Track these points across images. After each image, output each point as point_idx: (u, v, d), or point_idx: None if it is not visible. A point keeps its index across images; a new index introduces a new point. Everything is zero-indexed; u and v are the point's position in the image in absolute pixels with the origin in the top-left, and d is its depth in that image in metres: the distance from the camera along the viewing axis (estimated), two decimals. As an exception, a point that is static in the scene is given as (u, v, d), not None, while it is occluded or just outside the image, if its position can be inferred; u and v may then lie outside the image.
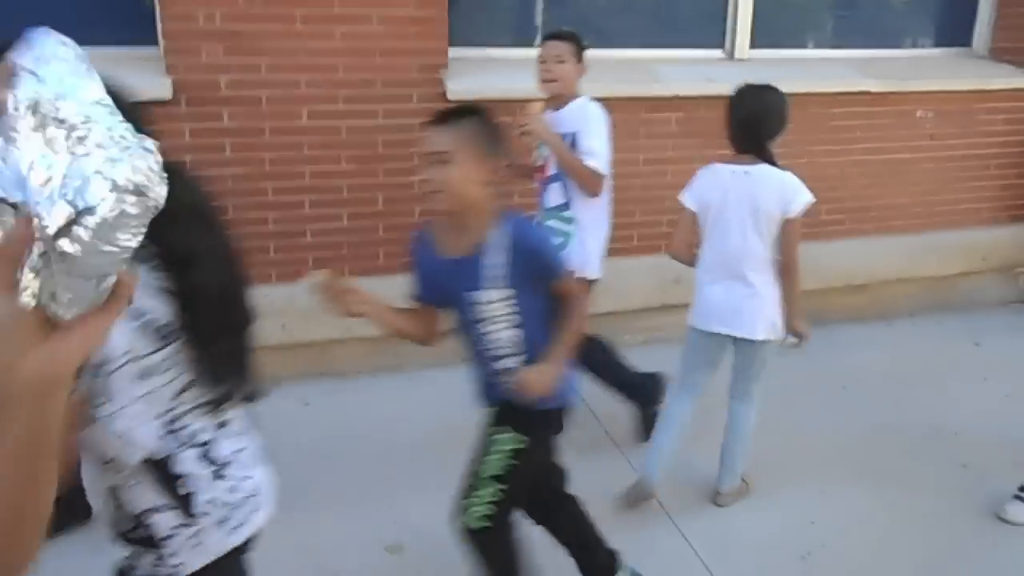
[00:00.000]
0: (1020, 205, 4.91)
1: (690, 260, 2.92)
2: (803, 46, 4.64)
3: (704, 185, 2.81)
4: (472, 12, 4.02)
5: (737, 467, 2.95)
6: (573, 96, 3.11)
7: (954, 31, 4.90)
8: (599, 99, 3.88)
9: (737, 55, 4.43)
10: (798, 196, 2.66)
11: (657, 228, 4.25)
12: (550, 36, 3.13)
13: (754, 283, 2.73)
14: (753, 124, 2.72)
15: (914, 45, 4.85)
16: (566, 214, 3.14)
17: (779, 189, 2.66)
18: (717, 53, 4.46)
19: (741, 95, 2.77)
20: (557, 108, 3.10)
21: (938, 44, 4.89)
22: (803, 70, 4.38)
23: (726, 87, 4.09)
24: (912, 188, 4.62)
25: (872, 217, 4.61)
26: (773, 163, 2.72)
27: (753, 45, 4.45)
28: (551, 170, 3.15)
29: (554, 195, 3.17)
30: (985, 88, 4.56)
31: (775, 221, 2.67)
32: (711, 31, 4.43)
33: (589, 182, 3.03)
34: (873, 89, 4.32)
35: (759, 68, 4.34)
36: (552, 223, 3.16)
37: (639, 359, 4.17)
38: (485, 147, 1.94)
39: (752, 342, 2.79)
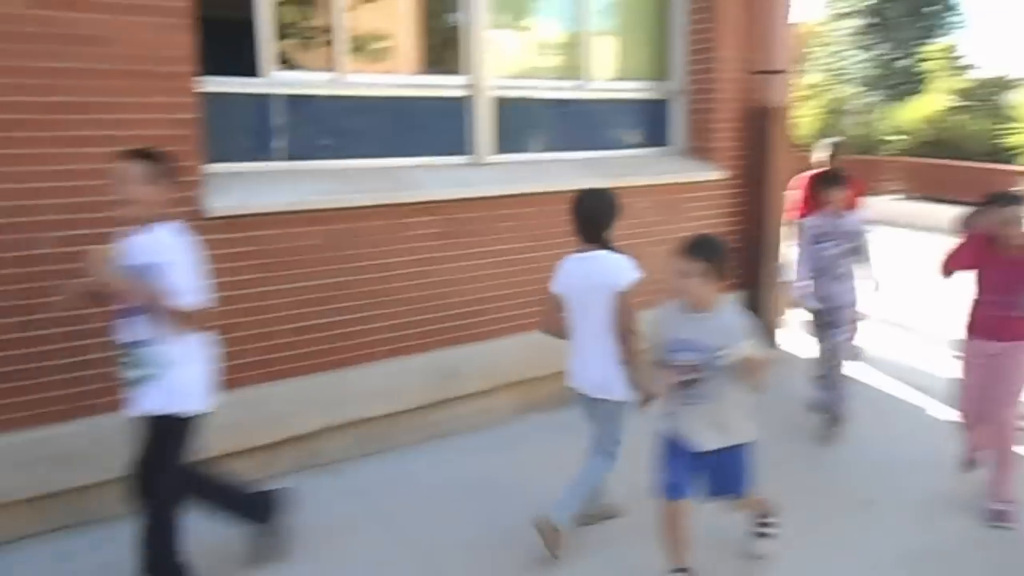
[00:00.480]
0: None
1: (558, 334, 3.36)
2: (538, 150, 5.16)
3: (562, 273, 3.32)
4: (224, 128, 3.98)
5: (570, 507, 3.23)
6: (155, 221, 2.75)
7: (656, 134, 5.74)
8: (360, 208, 4.06)
9: (483, 160, 4.81)
10: (625, 273, 3.19)
11: (428, 327, 4.41)
12: (124, 155, 2.74)
13: (604, 351, 3.21)
14: (591, 219, 3.27)
15: (627, 146, 5.59)
16: (151, 350, 2.75)
17: (610, 269, 3.20)
18: (465, 159, 4.80)
19: (580, 198, 3.30)
20: (135, 235, 2.75)
21: (646, 144, 5.69)
22: (541, 171, 4.86)
23: (480, 190, 4.49)
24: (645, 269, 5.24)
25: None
26: (610, 248, 3.26)
27: (496, 151, 4.87)
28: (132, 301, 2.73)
29: (137, 329, 2.75)
30: (682, 180, 5.38)
31: (611, 295, 3.17)
32: (457, 139, 4.78)
33: (177, 321, 2.72)
34: (599, 186, 4.89)
35: (505, 171, 4.77)
36: (131, 360, 2.78)
37: (423, 457, 4.26)
38: None
39: (607, 401, 3.26)
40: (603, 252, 3.25)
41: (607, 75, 5.54)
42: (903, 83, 19.85)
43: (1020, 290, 3.44)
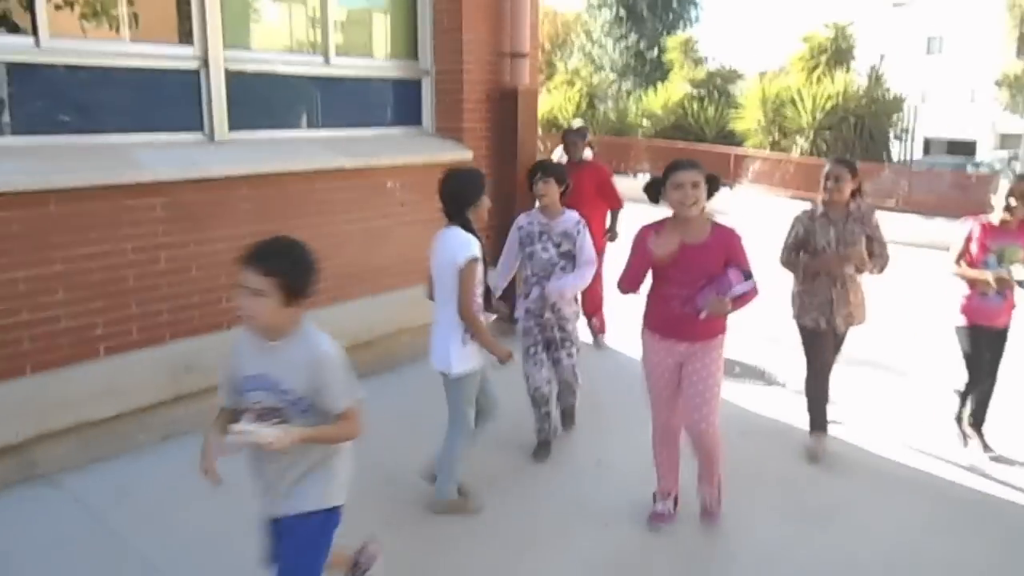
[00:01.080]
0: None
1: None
2: (280, 127, 4.92)
3: (432, 248, 3.39)
4: None
5: (444, 483, 3.44)
6: None
7: (408, 113, 5.71)
8: (70, 190, 3.63)
9: (217, 138, 4.50)
10: (464, 250, 3.19)
11: (158, 317, 4.07)
12: None
13: (449, 324, 3.27)
14: (451, 197, 3.33)
15: (377, 125, 5.50)
16: None
17: (453, 246, 3.23)
18: (197, 136, 4.47)
19: (445, 177, 3.37)
20: None
21: (396, 124, 5.63)
22: (282, 151, 4.64)
23: (210, 170, 4.19)
24: (394, 250, 5.22)
25: (366, 279, 5.08)
26: (467, 227, 3.30)
27: (232, 127, 4.57)
28: None
29: None
30: (436, 160, 5.39)
31: (453, 271, 3.21)
32: (189, 114, 4.44)
33: None
34: (347, 166, 4.79)
35: (241, 150, 4.49)
36: None
37: (158, 458, 3.93)
38: None
39: (446, 375, 3.33)
40: (454, 229, 3.30)
41: (354, 52, 5.41)
42: (652, 71, 21.51)
43: (700, 284, 3.11)
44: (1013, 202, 3.91)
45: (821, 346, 4.10)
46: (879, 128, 14.12)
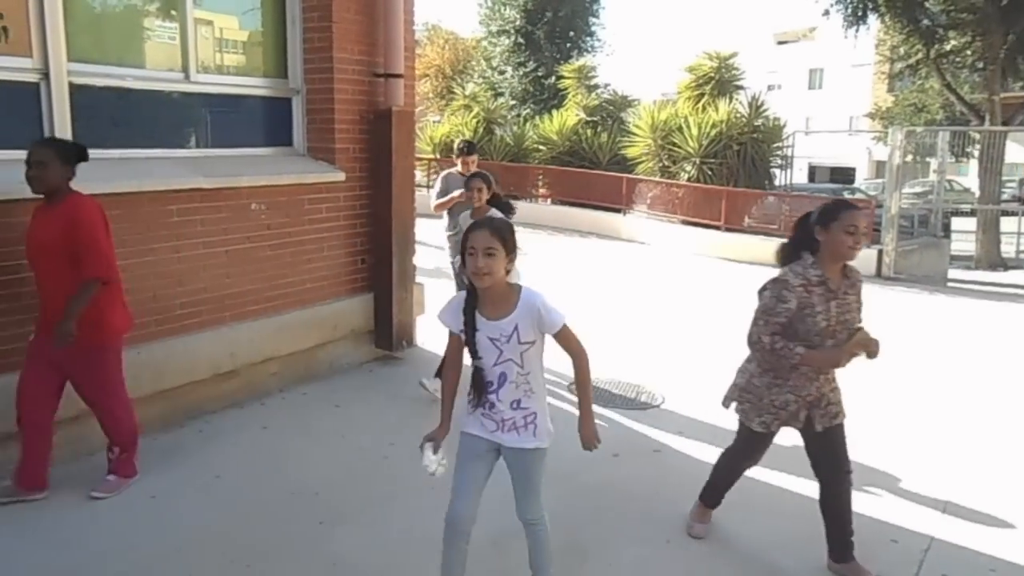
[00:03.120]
0: (354, 279, 5.74)
1: None
2: (135, 146, 4.65)
3: None
4: None
5: None
6: None
7: (278, 133, 5.52)
8: None
9: (60, 155, 4.20)
10: None
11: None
12: None
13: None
14: None
15: (245, 145, 5.29)
16: None
17: None
18: (36, 153, 4.16)
19: None
20: None
21: (266, 144, 5.44)
22: (134, 169, 4.39)
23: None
24: (260, 274, 5.01)
25: (228, 305, 4.84)
26: None
27: (77, 144, 4.28)
28: None
29: None
30: (305, 182, 5.24)
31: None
32: (27, 132, 4.13)
33: None
34: (205, 185, 4.57)
35: (86, 169, 4.20)
36: None
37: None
38: None
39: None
40: None
41: (219, 68, 5.20)
42: (549, 98, 21.83)
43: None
44: None
45: (763, 448, 3.44)
46: (761, 155, 14.73)
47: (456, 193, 5.50)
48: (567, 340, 2.68)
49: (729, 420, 5.01)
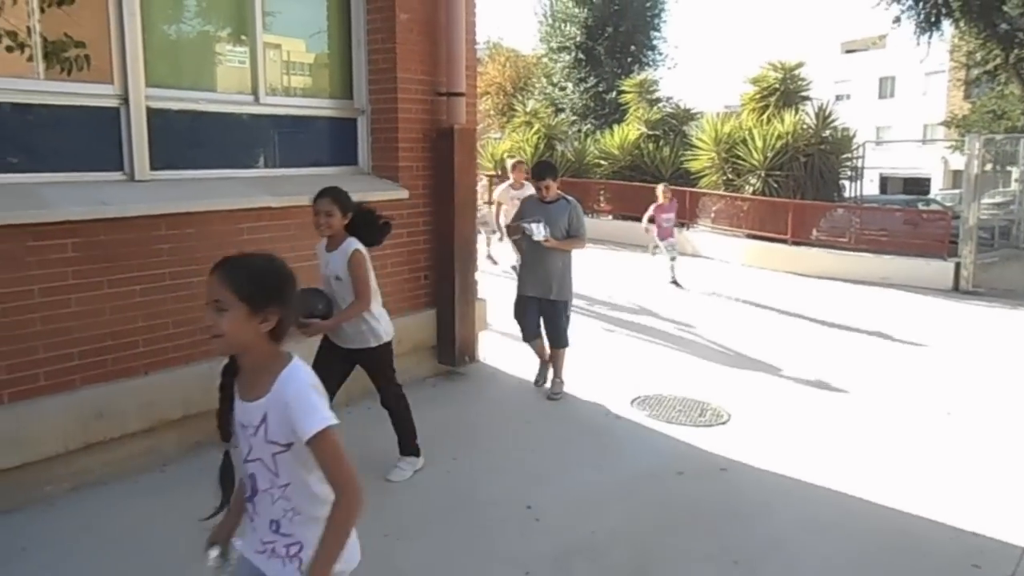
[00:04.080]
0: (418, 295, 5.80)
1: None
2: (208, 167, 4.81)
3: None
4: None
5: None
6: None
7: (344, 152, 5.64)
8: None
9: (138, 177, 4.39)
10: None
11: (68, 362, 3.90)
12: None
13: None
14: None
15: (312, 164, 5.42)
16: None
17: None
18: (117, 175, 4.36)
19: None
20: None
21: (333, 163, 5.56)
22: (205, 189, 4.54)
23: (124, 209, 4.06)
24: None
25: (296, 320, 4.93)
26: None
27: (154, 167, 4.47)
28: None
29: None
30: (370, 199, 5.30)
31: None
32: (108, 154, 4.33)
33: None
34: (273, 204, 4.69)
35: (161, 189, 4.39)
36: None
37: (69, 510, 3.74)
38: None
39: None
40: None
41: (287, 91, 5.36)
42: (610, 113, 21.77)
43: None
44: None
45: None
46: (829, 167, 14.36)
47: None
48: (324, 458, 1.78)
49: (797, 438, 4.89)
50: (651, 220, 10.39)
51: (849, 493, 4.08)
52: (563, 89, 24.55)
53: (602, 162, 17.46)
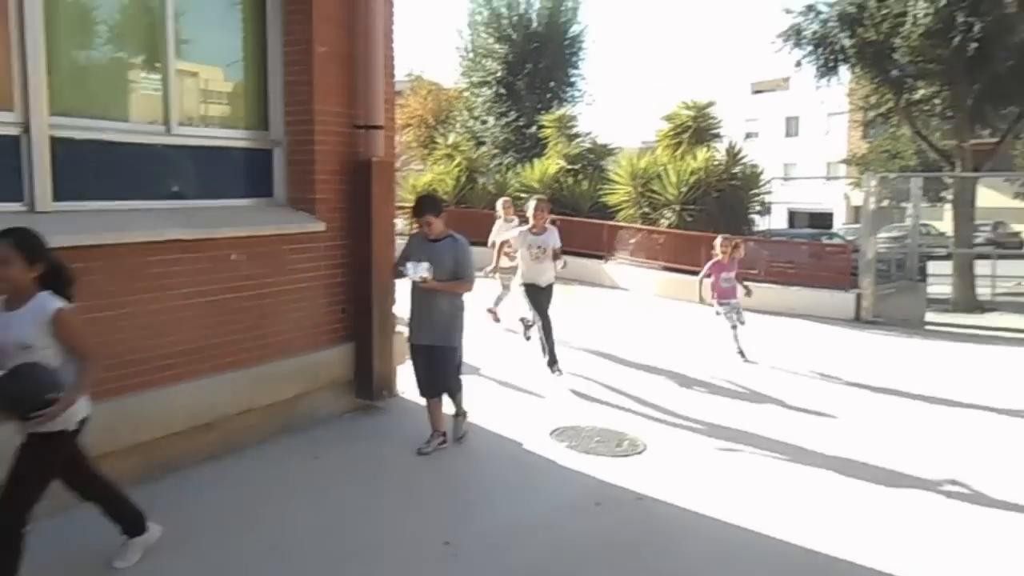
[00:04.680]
0: (335, 329, 5.72)
1: None
2: (116, 198, 4.66)
3: None
4: None
5: None
6: None
7: (259, 184, 5.55)
8: None
9: (39, 208, 4.22)
10: None
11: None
12: None
13: None
14: None
15: (226, 196, 5.31)
16: None
17: None
18: (15, 206, 4.17)
19: None
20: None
21: (247, 195, 5.46)
22: (113, 221, 4.39)
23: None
24: (240, 324, 4.98)
25: (208, 356, 4.79)
26: None
27: (57, 198, 4.30)
28: None
29: None
30: (286, 232, 5.25)
31: None
32: (6, 184, 4.14)
33: None
34: (185, 237, 4.57)
35: (65, 220, 4.21)
36: None
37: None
38: None
39: None
40: None
41: (201, 121, 5.25)
42: (530, 147, 22.13)
43: None
44: None
45: None
46: (740, 201, 14.96)
47: None
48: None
49: (711, 467, 5.02)
50: (707, 276, 8.53)
51: (755, 529, 4.17)
52: (484, 123, 24.82)
53: (523, 195, 17.67)
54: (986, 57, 14.48)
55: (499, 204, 10.27)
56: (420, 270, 4.80)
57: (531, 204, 7.59)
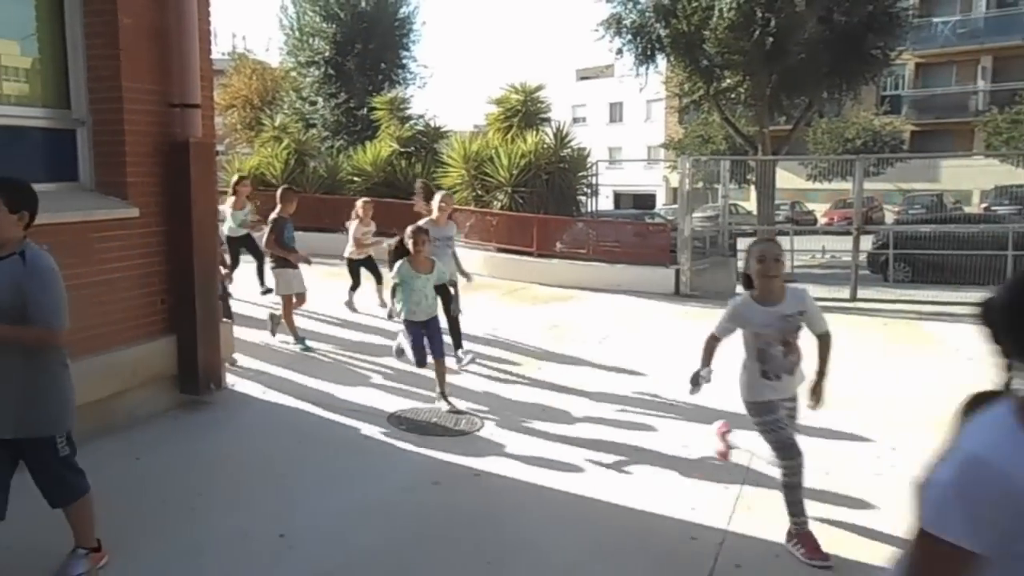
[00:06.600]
0: (154, 321, 5.40)
1: None
2: None
3: None
4: None
5: None
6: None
7: (62, 167, 5.11)
8: None
9: None
10: None
11: None
12: None
13: None
14: None
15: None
16: None
17: None
18: None
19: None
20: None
21: (49, 179, 5.00)
22: None
23: None
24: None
25: (6, 356, 4.37)
26: None
27: None
28: None
29: None
30: (93, 219, 4.88)
31: None
32: None
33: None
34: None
35: None
36: None
37: None
38: None
39: None
40: None
41: (-12, 98, 4.76)
42: (362, 129, 21.70)
43: None
44: None
45: None
46: (568, 184, 15.49)
47: None
48: None
49: (542, 441, 5.23)
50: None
51: (588, 495, 4.40)
52: (313, 104, 24.06)
53: (356, 178, 17.36)
54: (781, 50, 15.84)
55: (359, 204, 9.72)
56: None
57: (437, 198, 7.47)
